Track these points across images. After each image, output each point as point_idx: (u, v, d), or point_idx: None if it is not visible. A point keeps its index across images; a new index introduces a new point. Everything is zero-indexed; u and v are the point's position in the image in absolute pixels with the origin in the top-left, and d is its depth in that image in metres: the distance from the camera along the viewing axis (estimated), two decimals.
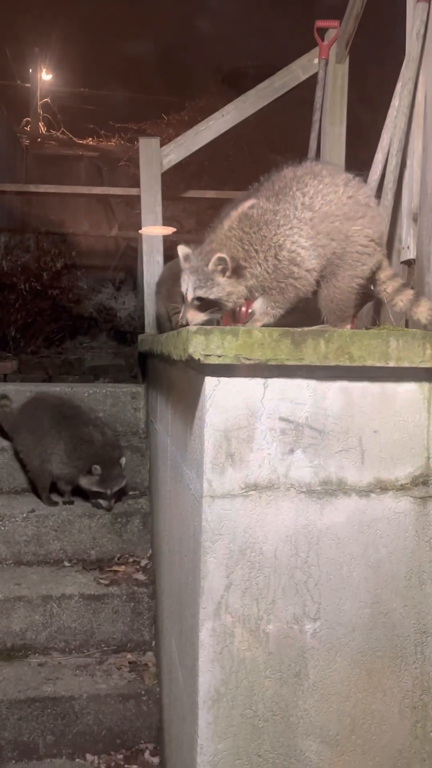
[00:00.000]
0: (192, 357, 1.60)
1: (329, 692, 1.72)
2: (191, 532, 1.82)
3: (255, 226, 2.11)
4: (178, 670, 2.06)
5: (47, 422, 3.38)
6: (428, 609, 1.75)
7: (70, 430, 3.34)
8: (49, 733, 2.60)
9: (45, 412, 3.43)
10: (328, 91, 3.92)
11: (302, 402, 1.68)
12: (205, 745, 1.68)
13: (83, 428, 3.34)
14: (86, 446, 3.29)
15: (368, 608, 1.73)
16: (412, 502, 1.73)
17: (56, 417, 3.39)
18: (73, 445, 3.30)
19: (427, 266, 2.69)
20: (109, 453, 3.30)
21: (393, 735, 1.76)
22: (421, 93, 2.91)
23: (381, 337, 1.65)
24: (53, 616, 2.90)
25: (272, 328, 1.63)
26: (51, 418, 3.39)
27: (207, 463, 1.65)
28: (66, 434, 3.33)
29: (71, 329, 6.50)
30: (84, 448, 3.29)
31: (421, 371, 1.69)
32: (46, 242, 6.74)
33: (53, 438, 3.34)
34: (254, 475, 1.67)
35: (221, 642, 1.67)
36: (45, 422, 3.38)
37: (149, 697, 2.66)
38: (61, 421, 3.37)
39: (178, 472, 2.15)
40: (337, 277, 2.19)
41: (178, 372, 2.23)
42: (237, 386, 1.65)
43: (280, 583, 1.69)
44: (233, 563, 1.67)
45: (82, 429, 3.34)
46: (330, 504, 1.70)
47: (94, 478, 3.23)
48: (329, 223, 2.13)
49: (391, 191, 3.01)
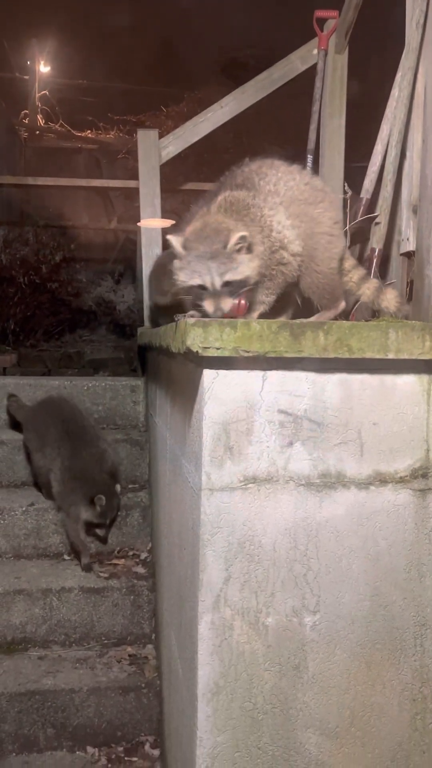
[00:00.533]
0: (190, 349, 1.59)
1: (329, 685, 1.72)
2: (190, 525, 1.81)
3: (244, 209, 2.08)
4: (177, 662, 2.06)
5: (52, 433, 3.24)
6: (427, 601, 1.75)
7: (70, 452, 3.16)
8: (49, 725, 2.60)
9: (52, 421, 3.28)
10: (327, 81, 3.89)
11: (301, 394, 1.67)
12: (205, 738, 1.68)
13: (86, 450, 3.16)
14: (84, 475, 3.10)
15: (368, 601, 1.73)
16: (411, 495, 1.72)
17: (60, 431, 3.23)
18: (70, 471, 3.12)
19: (427, 258, 2.68)
20: (108, 482, 3.12)
21: (392, 727, 1.76)
22: (420, 83, 2.89)
23: (380, 329, 1.64)
24: (53, 610, 2.90)
25: (271, 320, 1.63)
26: (56, 429, 3.24)
27: (206, 456, 1.65)
28: (65, 454, 3.16)
29: (70, 322, 6.48)
30: (81, 478, 3.10)
31: (421, 363, 1.69)
32: (45, 235, 6.71)
33: (54, 452, 3.19)
34: (253, 468, 1.66)
35: (220, 635, 1.67)
36: (51, 431, 3.25)
37: (149, 690, 2.66)
38: (64, 437, 3.20)
39: (177, 465, 2.15)
40: (315, 261, 2.21)
41: (177, 365, 2.22)
42: (236, 379, 1.64)
43: (279, 575, 1.68)
44: (232, 556, 1.66)
45: (83, 452, 3.16)
46: (329, 497, 1.69)
47: (96, 510, 3.06)
48: (296, 206, 2.17)
49: (390, 183, 3.00)
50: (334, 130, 3.91)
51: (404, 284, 2.95)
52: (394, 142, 2.97)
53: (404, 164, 3.00)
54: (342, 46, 3.86)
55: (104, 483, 3.10)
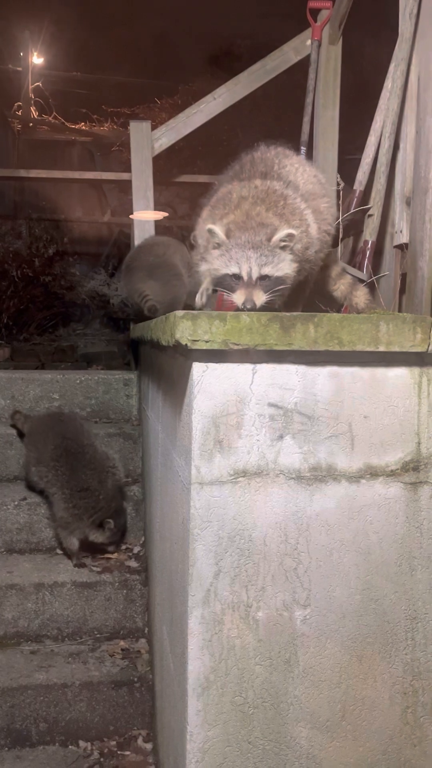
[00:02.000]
0: (179, 342, 1.57)
1: (320, 678, 1.72)
2: (180, 519, 1.80)
3: (281, 200, 1.99)
4: (169, 657, 2.05)
5: (50, 450, 3.11)
6: (419, 595, 1.75)
7: (70, 474, 3.03)
8: (41, 720, 2.60)
9: (51, 439, 3.15)
10: (320, 73, 3.87)
11: (291, 387, 1.66)
12: (195, 733, 1.67)
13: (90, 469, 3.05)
14: (86, 494, 3.00)
15: (359, 594, 1.72)
16: (402, 488, 1.72)
17: (59, 450, 3.09)
18: (70, 493, 3.00)
19: (420, 251, 2.67)
20: (115, 504, 3.05)
21: (384, 721, 1.76)
22: (414, 74, 2.88)
23: (371, 322, 1.63)
24: (46, 604, 2.89)
25: (260, 313, 1.61)
26: (54, 447, 3.11)
27: (195, 450, 1.63)
28: (64, 478, 3.03)
29: (64, 316, 6.45)
30: (84, 497, 2.99)
31: (412, 355, 1.68)
32: (38, 228, 6.67)
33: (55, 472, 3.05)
34: (243, 462, 1.65)
35: (210, 629, 1.66)
36: (48, 449, 3.12)
37: (142, 684, 2.66)
38: (62, 457, 3.07)
39: (168, 458, 2.14)
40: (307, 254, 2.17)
41: (167, 358, 2.21)
42: (225, 372, 1.63)
43: (269, 570, 1.68)
44: (222, 550, 1.65)
45: (82, 473, 3.03)
46: (320, 490, 1.68)
47: (106, 533, 3.02)
48: (312, 200, 2.14)
49: (384, 174, 2.99)
50: (327, 121, 3.89)
51: (397, 276, 2.95)
52: (387, 133, 2.96)
53: (397, 156, 2.99)
54: (335, 37, 3.84)
55: (112, 501, 3.03)
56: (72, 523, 3.02)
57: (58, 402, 3.78)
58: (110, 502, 3.03)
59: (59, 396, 3.79)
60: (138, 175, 4.06)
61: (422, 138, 2.67)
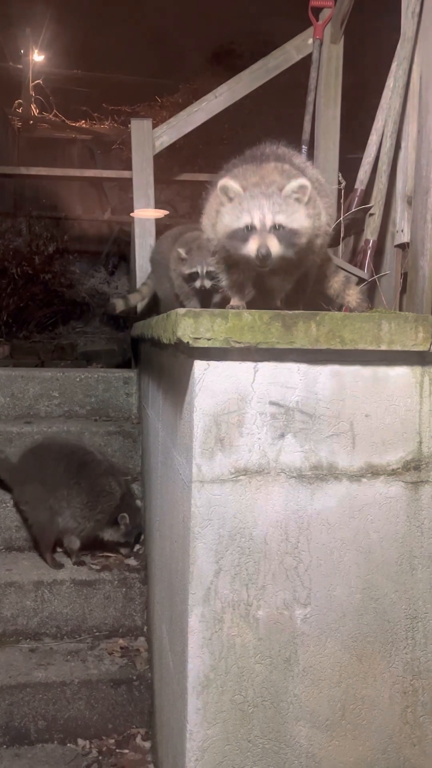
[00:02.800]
0: (181, 340, 1.57)
1: (320, 677, 1.71)
2: (181, 518, 1.80)
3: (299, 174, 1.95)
4: (168, 655, 2.05)
5: (62, 472, 3.05)
6: (419, 594, 1.74)
7: (89, 479, 3.04)
8: (40, 718, 2.59)
9: (58, 462, 3.09)
10: (322, 72, 3.86)
11: (293, 386, 1.65)
12: (195, 731, 1.67)
13: (102, 478, 3.06)
14: (108, 497, 3.04)
15: (359, 594, 1.72)
16: (403, 487, 1.71)
17: (72, 466, 3.07)
18: (95, 496, 3.02)
19: (421, 250, 2.67)
20: (129, 501, 3.10)
21: (383, 720, 1.76)
22: (416, 73, 2.87)
23: (373, 320, 1.63)
24: (45, 602, 2.88)
25: (263, 311, 1.61)
26: (66, 467, 3.06)
27: (196, 448, 1.63)
28: (86, 484, 3.03)
29: (64, 314, 6.45)
30: (106, 499, 3.03)
31: (414, 355, 1.67)
32: (38, 226, 6.67)
33: (70, 489, 3.02)
34: (244, 460, 1.65)
35: (211, 628, 1.66)
36: (59, 472, 3.05)
37: (141, 683, 2.65)
38: (79, 470, 3.06)
39: (169, 457, 2.13)
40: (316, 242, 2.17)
41: (168, 356, 2.20)
42: (227, 370, 1.63)
43: (270, 568, 1.67)
44: (223, 549, 1.65)
45: (102, 479, 3.06)
46: (320, 489, 1.68)
47: (120, 529, 3.05)
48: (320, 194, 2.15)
49: (385, 174, 2.98)
50: (329, 120, 3.89)
51: (398, 276, 2.94)
52: (389, 132, 2.95)
53: (399, 155, 2.98)
54: (337, 36, 3.84)
55: (127, 503, 3.05)
56: (79, 526, 3.02)
57: (57, 400, 3.78)
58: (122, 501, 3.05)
59: (59, 394, 3.79)
60: (139, 173, 4.05)
61: (424, 137, 2.66)
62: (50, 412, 3.78)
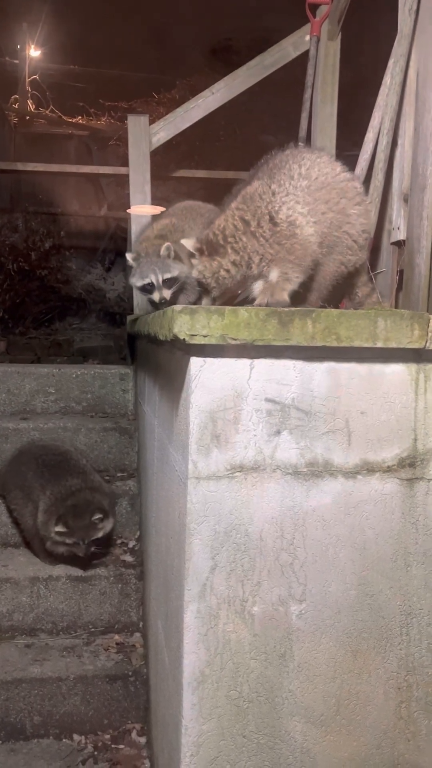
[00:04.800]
0: (177, 337, 1.57)
1: (315, 673, 1.72)
2: (177, 514, 1.80)
3: (250, 201, 2.13)
4: (164, 651, 2.06)
5: (31, 476, 3.01)
6: (414, 591, 1.75)
7: (52, 482, 2.94)
8: (36, 713, 2.60)
9: (30, 465, 3.05)
10: (319, 69, 3.86)
11: (289, 383, 1.66)
12: (190, 726, 1.68)
13: (66, 479, 2.95)
14: (61, 499, 2.89)
15: (354, 590, 1.73)
16: (398, 484, 1.72)
17: (39, 468, 3.01)
18: (54, 499, 2.90)
19: (418, 248, 2.67)
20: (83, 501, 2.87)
21: (378, 715, 1.76)
22: (413, 70, 2.87)
23: (369, 318, 1.63)
24: (40, 598, 2.89)
25: (258, 308, 1.61)
26: (35, 470, 3.01)
27: (192, 445, 1.63)
28: (48, 488, 2.93)
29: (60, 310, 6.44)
30: (59, 501, 2.88)
31: (409, 352, 1.68)
32: (35, 222, 6.66)
33: (38, 493, 2.95)
34: (240, 457, 1.65)
35: (206, 624, 1.66)
36: (30, 476, 3.01)
37: (136, 678, 2.66)
38: (44, 472, 2.99)
39: (165, 453, 2.14)
40: (327, 259, 2.21)
41: (164, 353, 2.20)
42: (223, 367, 1.63)
43: (265, 564, 1.68)
44: (218, 545, 1.66)
45: (65, 480, 2.94)
46: (316, 486, 1.68)
47: (63, 531, 2.84)
48: (326, 191, 2.16)
49: (381, 171, 2.98)
50: (325, 117, 3.88)
51: (394, 273, 2.95)
52: (385, 130, 2.95)
53: (395, 153, 2.98)
54: (334, 33, 3.83)
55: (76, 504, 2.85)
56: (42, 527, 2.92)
57: (54, 396, 3.78)
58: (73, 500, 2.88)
59: (55, 390, 3.78)
60: (135, 169, 4.04)
61: (421, 135, 2.66)
62: (46, 409, 3.77)
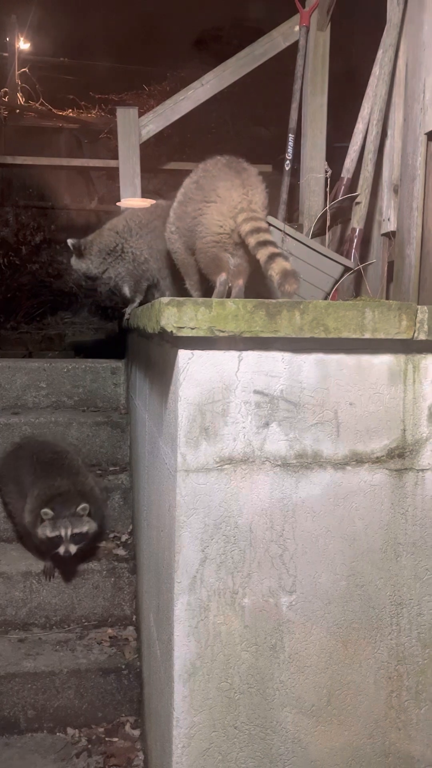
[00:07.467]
0: (164, 329, 1.57)
1: (305, 664, 1.73)
2: (167, 507, 1.80)
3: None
4: (156, 644, 2.06)
5: (25, 473, 2.98)
6: (404, 581, 1.76)
7: (41, 480, 2.89)
8: (29, 707, 2.60)
9: (24, 462, 3.03)
10: (309, 59, 3.85)
11: (277, 375, 1.66)
12: (181, 718, 1.68)
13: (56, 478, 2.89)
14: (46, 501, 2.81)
15: (344, 581, 1.73)
16: (387, 475, 1.72)
17: (33, 466, 2.98)
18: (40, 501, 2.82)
19: (408, 238, 2.67)
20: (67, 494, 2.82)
21: (369, 705, 1.77)
22: (402, 60, 2.86)
23: (356, 309, 1.63)
24: (33, 592, 2.88)
25: (246, 300, 1.61)
26: (28, 468, 2.99)
27: (181, 438, 1.63)
28: (37, 486, 2.89)
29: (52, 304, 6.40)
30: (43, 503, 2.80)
31: (397, 343, 1.68)
32: (25, 216, 6.61)
33: (32, 488, 2.90)
34: (229, 449, 1.65)
35: (197, 616, 1.66)
36: (23, 473, 2.99)
37: (130, 671, 2.66)
38: (37, 469, 2.95)
39: (155, 446, 2.13)
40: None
41: (153, 346, 2.20)
42: (211, 359, 1.62)
43: (255, 556, 1.68)
44: (208, 537, 1.66)
45: (54, 479, 2.89)
46: (305, 477, 1.68)
47: (45, 523, 2.75)
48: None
49: (371, 162, 2.98)
50: (315, 108, 3.88)
51: (384, 264, 2.94)
52: (375, 120, 2.94)
53: (385, 143, 2.97)
54: (324, 23, 3.82)
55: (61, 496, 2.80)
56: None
57: (45, 391, 3.77)
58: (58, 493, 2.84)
59: (46, 385, 3.77)
60: (125, 161, 4.03)
61: (410, 125, 2.66)
62: (38, 403, 3.76)
